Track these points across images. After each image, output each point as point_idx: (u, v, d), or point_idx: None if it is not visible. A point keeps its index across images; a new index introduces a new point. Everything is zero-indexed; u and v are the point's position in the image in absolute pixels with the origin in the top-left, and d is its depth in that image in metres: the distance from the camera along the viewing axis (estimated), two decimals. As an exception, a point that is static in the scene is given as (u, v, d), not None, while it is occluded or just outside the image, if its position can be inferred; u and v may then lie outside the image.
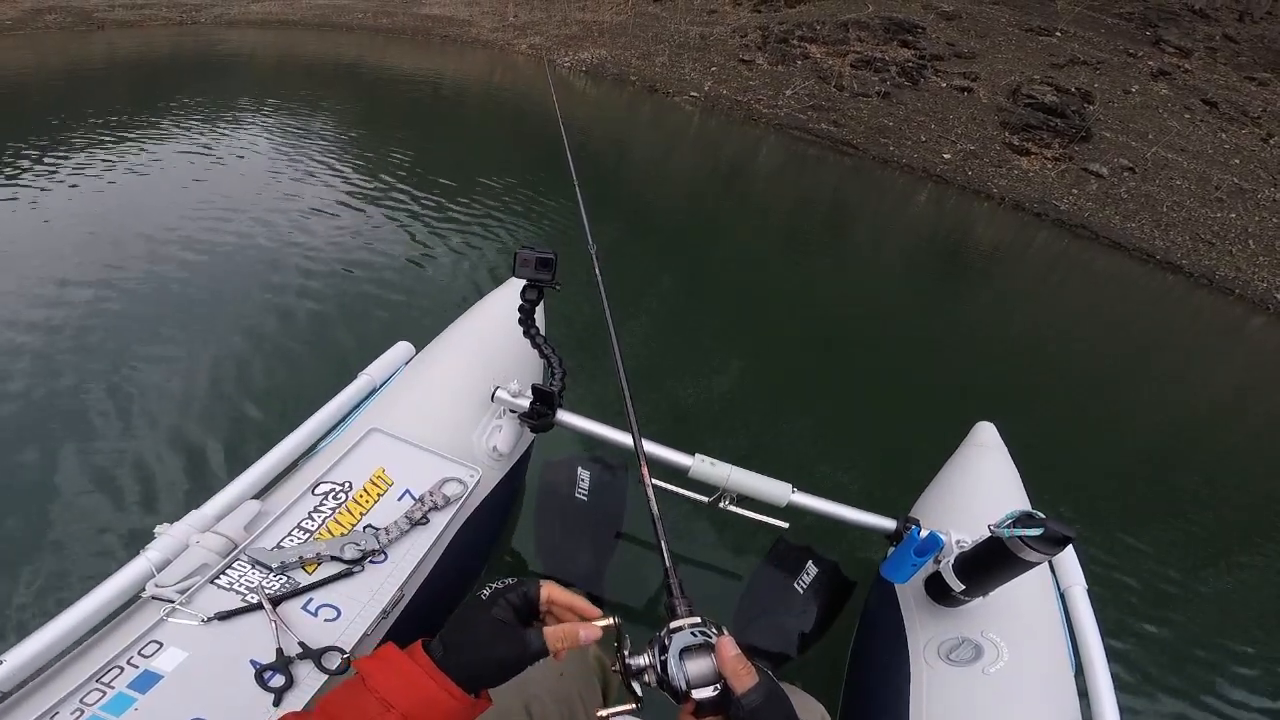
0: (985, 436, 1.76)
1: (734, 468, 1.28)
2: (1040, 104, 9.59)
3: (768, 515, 1.35)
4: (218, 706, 0.81)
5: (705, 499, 1.35)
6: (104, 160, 3.54)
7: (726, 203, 5.81)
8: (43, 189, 3.19)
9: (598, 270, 1.29)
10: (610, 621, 0.67)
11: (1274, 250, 7.54)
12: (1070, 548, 1.37)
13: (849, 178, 7.65)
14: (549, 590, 0.67)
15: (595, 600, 1.69)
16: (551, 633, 0.63)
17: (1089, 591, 1.36)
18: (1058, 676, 1.19)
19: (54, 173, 3.33)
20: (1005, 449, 1.74)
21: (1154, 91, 10.45)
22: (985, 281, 5.72)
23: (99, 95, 4.39)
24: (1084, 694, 1.18)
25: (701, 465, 1.28)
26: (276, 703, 0.83)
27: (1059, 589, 1.38)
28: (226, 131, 4.26)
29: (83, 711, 0.76)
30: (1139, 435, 3.71)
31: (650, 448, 1.27)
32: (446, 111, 6.60)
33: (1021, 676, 1.16)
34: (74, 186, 3.28)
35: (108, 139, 3.75)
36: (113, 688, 0.80)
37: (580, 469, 1.66)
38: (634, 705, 0.66)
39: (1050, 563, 1.40)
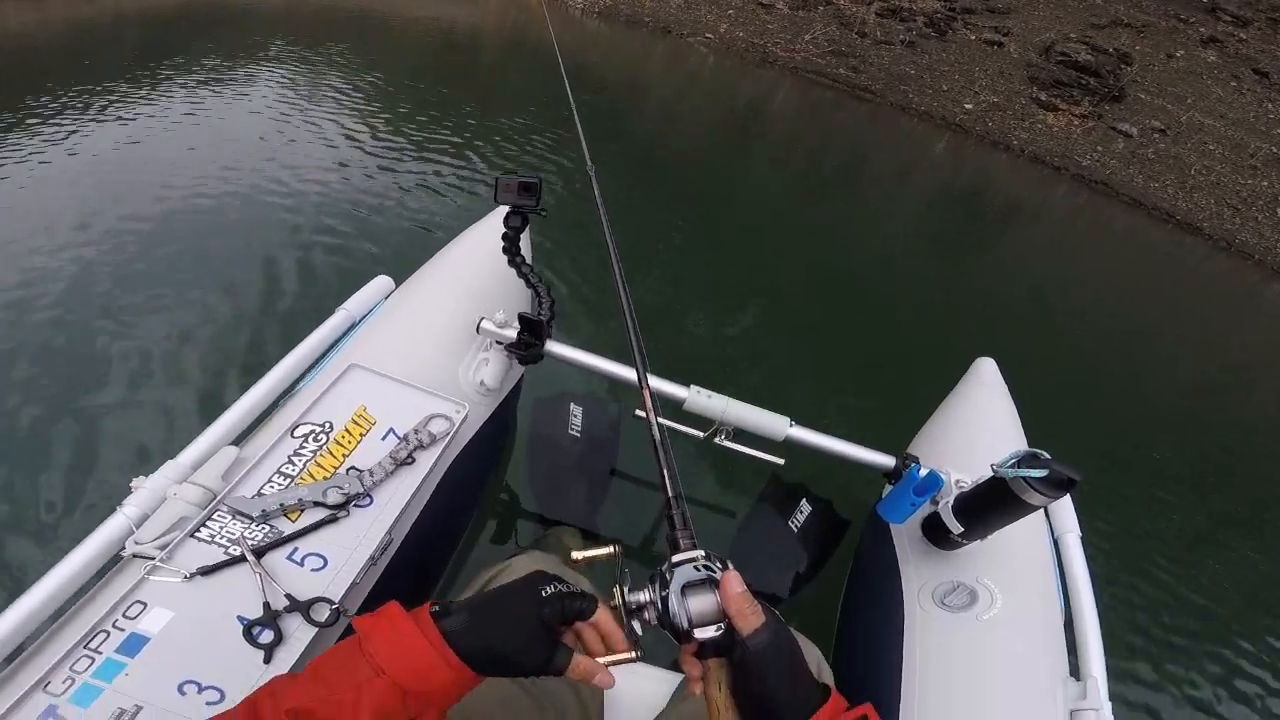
0: (986, 373, 1.67)
1: (730, 400, 1.21)
2: (1073, 62, 9.05)
3: (764, 451, 1.28)
4: (208, 667, 0.78)
5: (700, 434, 1.30)
6: (99, 118, 3.42)
7: (739, 146, 5.64)
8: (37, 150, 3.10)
9: (597, 191, 1.22)
10: (630, 656, 0.61)
11: None
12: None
13: (865, 123, 7.42)
14: (603, 614, 0.60)
15: (589, 535, 1.69)
16: (579, 663, 0.58)
17: (1082, 540, 1.31)
18: (1049, 626, 1.15)
19: (54, 131, 3.23)
20: (1005, 387, 1.65)
21: (1200, 58, 9.85)
22: (999, 231, 5.56)
23: (106, 52, 4.21)
24: (1072, 647, 1.14)
25: (697, 397, 1.21)
26: (267, 659, 0.80)
27: (1053, 535, 1.33)
28: (220, 83, 4.09)
29: (74, 680, 0.74)
30: (1145, 388, 3.61)
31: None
32: (456, 58, 6.37)
33: (1014, 625, 1.12)
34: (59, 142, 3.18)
35: (109, 96, 3.61)
36: (101, 653, 0.77)
37: (573, 406, 1.62)
38: (633, 654, 0.60)
39: (1045, 508, 1.38)
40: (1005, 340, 3.35)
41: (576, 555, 0.60)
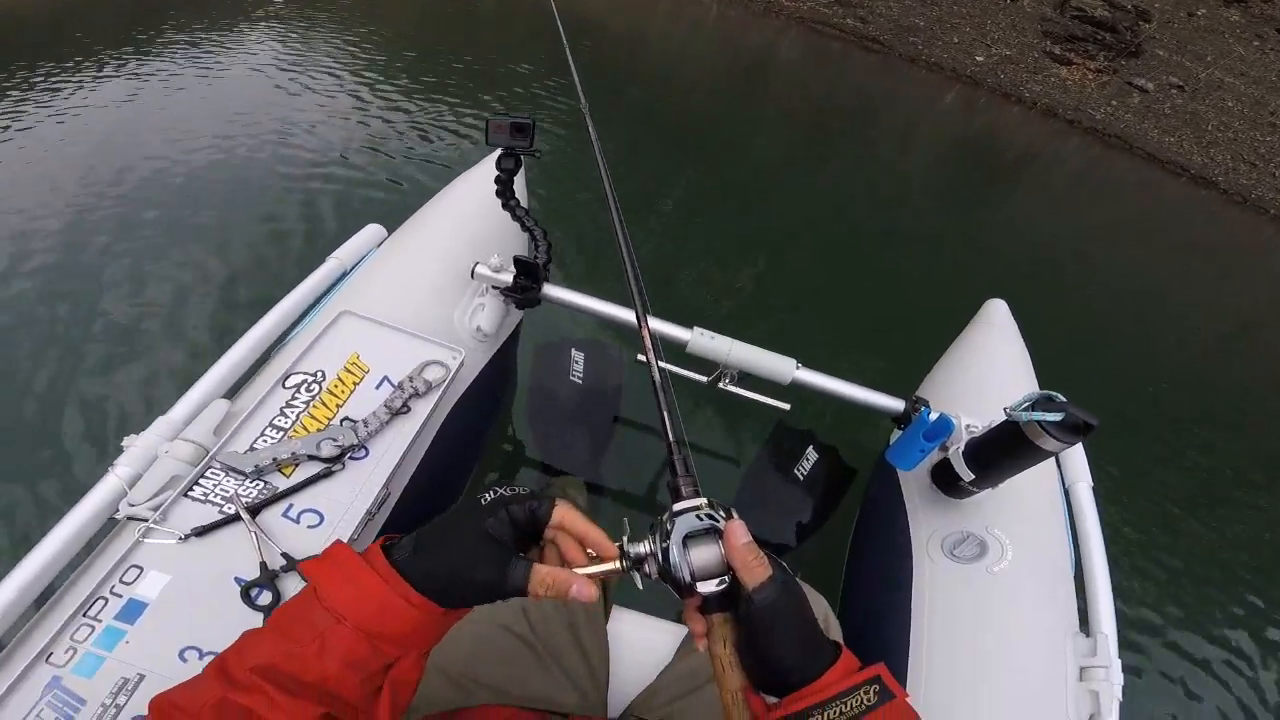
0: (997, 314, 1.61)
1: (735, 342, 1.17)
2: (1089, 17, 8.72)
3: (769, 396, 1.25)
4: (208, 632, 0.76)
5: (704, 378, 1.25)
6: (95, 81, 3.28)
7: (743, 96, 5.48)
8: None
9: (591, 128, 1.17)
10: (615, 566, 0.55)
11: None
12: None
13: (873, 74, 7.21)
14: (563, 514, 0.54)
15: (593, 486, 1.67)
16: (540, 575, 0.51)
17: (1093, 490, 1.27)
18: (1059, 579, 1.13)
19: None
20: (1016, 329, 1.59)
21: (1223, 16, 9.50)
22: (1010, 182, 5.42)
23: (98, 20, 4.04)
24: (1081, 594, 1.12)
25: (700, 339, 1.17)
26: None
27: (1064, 485, 1.29)
28: (217, 43, 3.93)
29: (75, 651, 0.72)
30: (1156, 344, 3.54)
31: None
32: (454, 7, 6.15)
33: (1024, 578, 1.10)
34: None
35: (103, 61, 3.47)
36: (100, 621, 0.75)
37: (574, 351, 1.58)
38: (617, 564, 0.55)
39: (1056, 457, 1.30)
40: (1015, 290, 3.24)
41: (580, 572, 0.54)
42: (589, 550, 0.55)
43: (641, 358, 0.75)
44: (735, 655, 0.54)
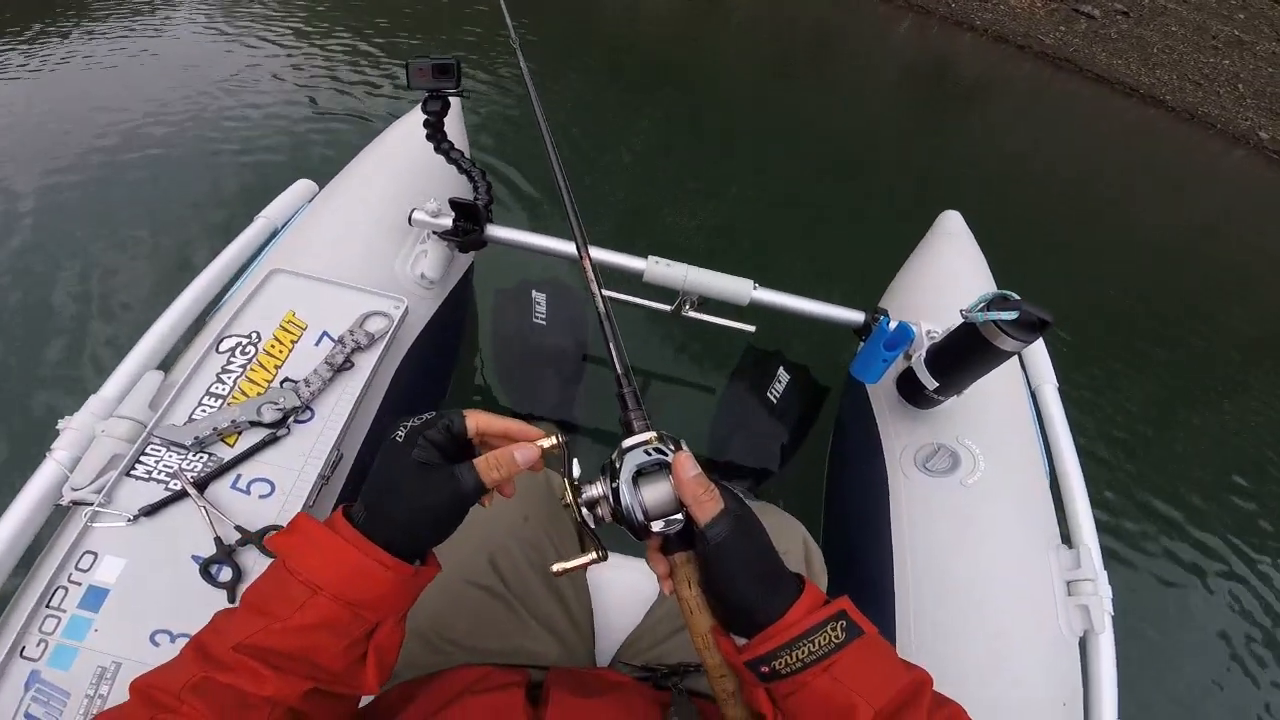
0: (952, 224, 1.59)
1: (690, 267, 1.15)
2: None
3: (733, 320, 1.24)
4: (176, 613, 0.74)
5: (667, 307, 1.24)
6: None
7: (703, 35, 5.35)
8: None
9: (522, 63, 1.12)
10: (554, 441, 0.53)
11: (1263, 95, 7.20)
12: (1041, 342, 1.27)
13: (829, 7, 7.13)
14: (475, 419, 0.53)
15: (567, 428, 1.65)
16: (482, 462, 0.50)
17: (1059, 391, 1.27)
18: (1034, 488, 1.12)
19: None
20: (972, 236, 1.58)
21: None
22: (965, 105, 5.38)
23: None
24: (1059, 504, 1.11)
25: (656, 267, 1.14)
26: (232, 599, 0.77)
27: (1030, 390, 1.28)
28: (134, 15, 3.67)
29: (47, 643, 0.71)
30: (1114, 248, 3.57)
31: (598, 254, 1.14)
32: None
33: (999, 489, 1.09)
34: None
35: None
36: (65, 610, 0.73)
37: (535, 292, 1.53)
38: (595, 555, 0.54)
39: (1021, 361, 1.31)
40: (973, 205, 3.28)
41: (557, 568, 0.53)
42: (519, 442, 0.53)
43: (608, 293, 0.73)
44: (702, 596, 0.52)
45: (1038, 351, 1.30)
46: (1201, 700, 1.71)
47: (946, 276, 1.44)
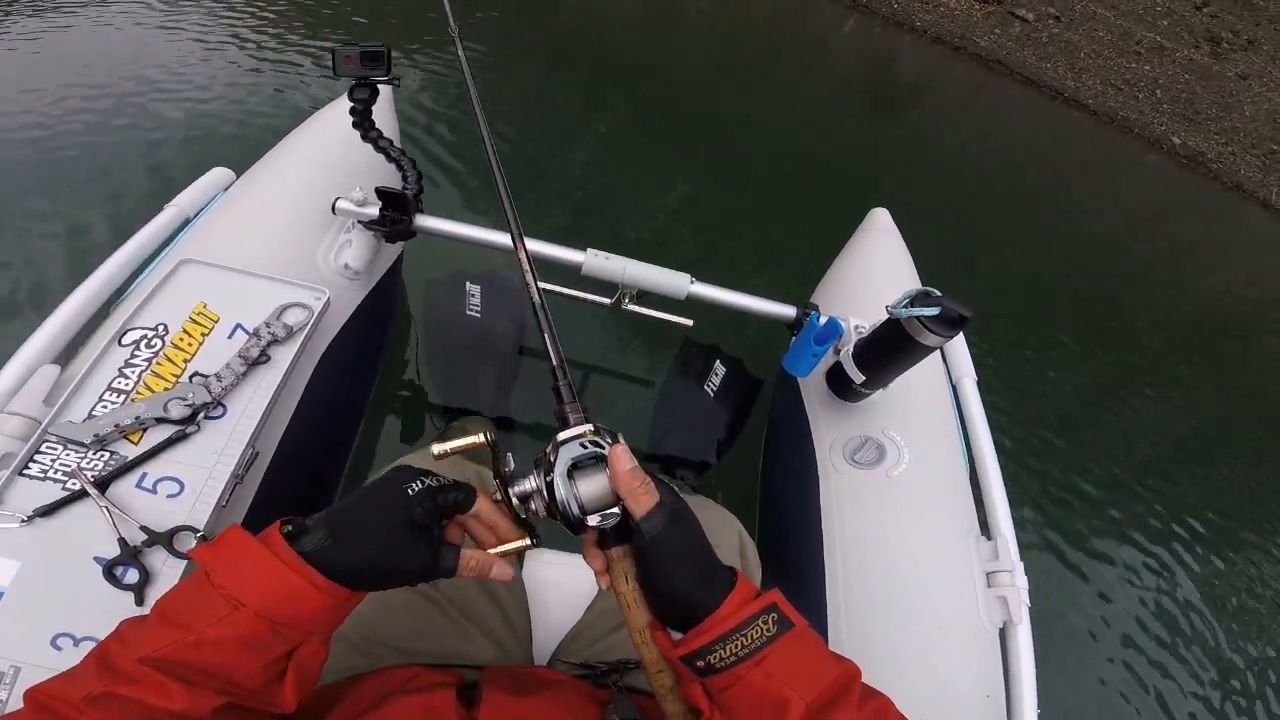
0: (880, 221, 1.64)
1: (629, 260, 1.15)
2: None
3: (671, 314, 1.24)
4: (78, 617, 0.71)
5: (606, 300, 1.23)
6: None
7: (657, 35, 5.36)
8: None
9: (461, 52, 1.09)
10: (525, 543, 0.55)
11: (1178, 101, 7.68)
12: (961, 337, 1.30)
13: (778, 6, 7.23)
14: (482, 504, 0.54)
15: (503, 423, 1.63)
16: (467, 558, 0.52)
17: (978, 384, 1.30)
18: (955, 480, 1.15)
19: None
20: (899, 233, 1.62)
21: None
22: (902, 103, 5.56)
23: None
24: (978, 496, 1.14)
25: (594, 260, 1.14)
26: (139, 601, 0.73)
27: (951, 382, 1.33)
28: None
29: None
30: (1036, 246, 3.72)
31: (534, 246, 1.11)
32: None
33: (922, 480, 1.12)
34: None
35: None
36: None
37: (469, 284, 1.50)
38: (527, 540, 0.54)
39: (943, 355, 1.35)
40: (905, 201, 3.38)
41: (436, 449, 0.51)
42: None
43: (545, 285, 0.71)
44: (639, 590, 0.51)
45: (958, 346, 1.34)
46: (1119, 685, 1.76)
47: (874, 273, 1.47)
